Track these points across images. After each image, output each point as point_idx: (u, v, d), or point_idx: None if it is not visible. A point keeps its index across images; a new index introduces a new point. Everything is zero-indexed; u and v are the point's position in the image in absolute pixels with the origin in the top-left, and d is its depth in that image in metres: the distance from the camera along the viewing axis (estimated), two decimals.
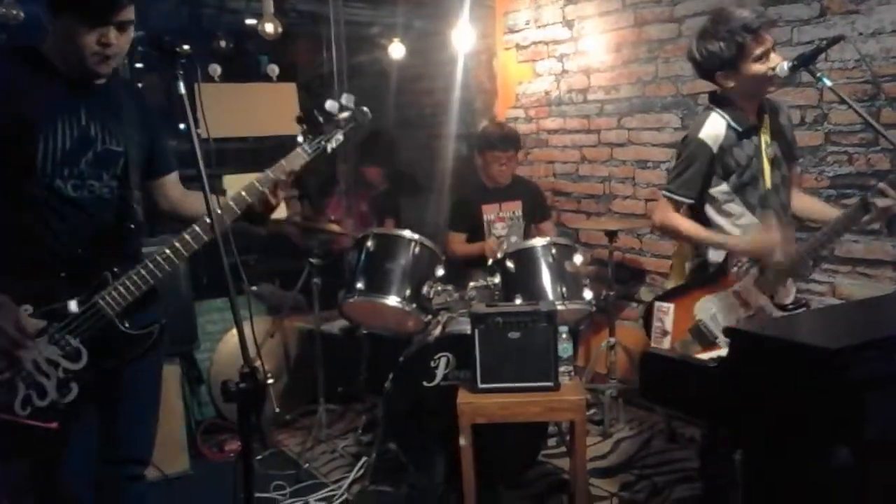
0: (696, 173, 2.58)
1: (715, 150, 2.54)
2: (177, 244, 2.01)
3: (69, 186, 1.99)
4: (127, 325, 2.01)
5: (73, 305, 1.93)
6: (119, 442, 2.18)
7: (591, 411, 3.82)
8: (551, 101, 4.75)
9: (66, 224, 1.99)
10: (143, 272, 1.99)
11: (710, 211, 2.62)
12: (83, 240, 2.00)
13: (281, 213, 4.48)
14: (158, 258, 2.00)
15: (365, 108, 2.28)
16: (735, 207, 2.57)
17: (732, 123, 2.53)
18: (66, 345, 1.93)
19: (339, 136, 2.21)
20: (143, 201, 2.16)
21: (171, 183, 2.26)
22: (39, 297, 1.93)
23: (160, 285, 2.05)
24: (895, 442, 1.56)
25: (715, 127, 2.56)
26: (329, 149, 2.19)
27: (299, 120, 2.20)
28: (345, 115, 2.24)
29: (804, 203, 2.72)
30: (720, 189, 2.56)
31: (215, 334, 3.99)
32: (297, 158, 2.14)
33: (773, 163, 2.57)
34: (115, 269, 1.98)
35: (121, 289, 1.97)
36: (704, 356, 1.85)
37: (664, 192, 2.66)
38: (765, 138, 2.55)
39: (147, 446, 2.27)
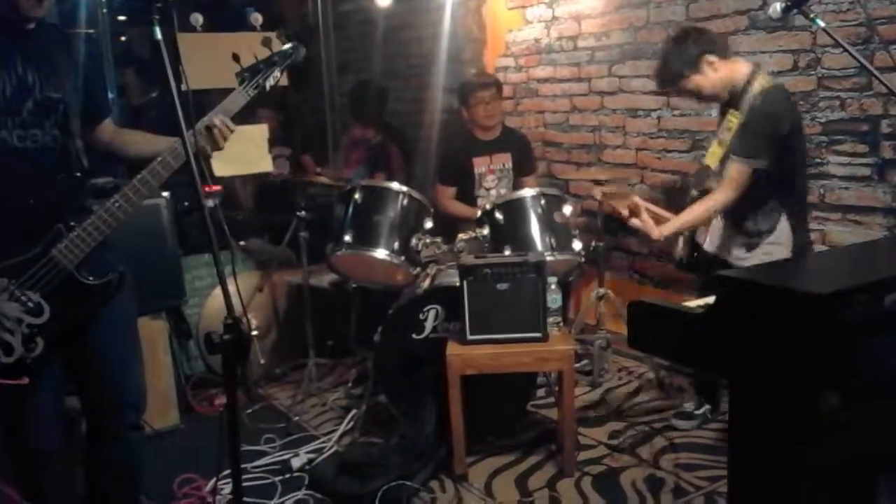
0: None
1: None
2: (128, 192, 1.99)
3: (14, 137, 1.95)
4: (85, 275, 1.99)
5: None
6: (108, 392, 2.18)
7: (582, 362, 3.84)
8: (541, 49, 4.66)
9: (14, 177, 1.94)
10: (97, 222, 1.97)
11: None
12: (33, 192, 1.96)
13: (268, 167, 4.45)
14: (111, 207, 1.97)
15: (299, 45, 2.29)
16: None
17: None
18: (27, 301, 1.92)
19: (277, 73, 2.23)
20: (85, 150, 2.12)
21: (105, 127, 2.23)
22: None
23: (121, 234, 2.04)
24: (883, 386, 1.56)
25: None
26: (268, 86, 2.21)
27: (236, 58, 2.18)
28: (280, 52, 2.23)
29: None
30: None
31: (203, 289, 3.97)
32: (237, 100, 2.16)
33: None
34: (71, 222, 1.96)
35: (76, 240, 1.95)
36: (692, 304, 1.83)
37: None
38: (729, 122, 2.78)
39: (136, 391, 2.27)
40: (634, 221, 2.83)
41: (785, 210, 2.78)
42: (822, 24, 2.16)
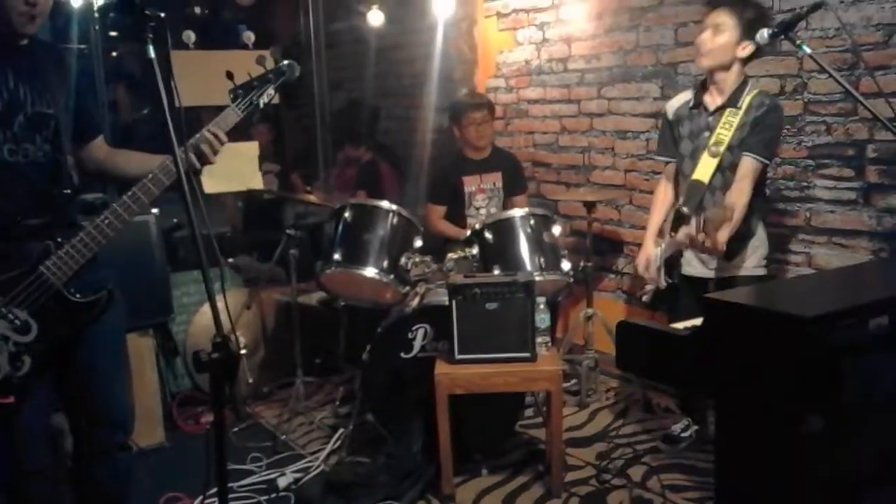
0: (662, 136, 3.06)
1: (670, 117, 2.97)
2: (118, 209, 1.98)
3: (5, 151, 1.94)
4: (73, 292, 1.98)
5: None
6: (95, 410, 2.16)
7: (570, 382, 3.84)
8: (532, 71, 4.70)
9: (3, 191, 1.93)
10: (86, 239, 1.95)
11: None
12: (22, 208, 1.94)
13: (258, 184, 4.46)
14: (101, 224, 1.96)
15: (294, 62, 2.28)
16: (686, 171, 2.89)
17: (691, 98, 2.90)
18: (14, 318, 1.90)
19: (270, 91, 2.22)
20: (76, 166, 2.11)
21: (97, 145, 2.22)
22: None
23: (109, 250, 2.02)
24: (869, 407, 1.57)
25: (680, 98, 2.98)
26: (261, 104, 2.20)
27: (229, 76, 2.18)
28: (274, 69, 2.24)
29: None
30: (680, 153, 2.93)
31: (191, 306, 3.94)
32: (230, 117, 2.16)
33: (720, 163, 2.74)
34: (58, 238, 1.95)
35: (65, 257, 1.93)
36: (679, 325, 1.84)
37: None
38: (724, 126, 2.72)
39: (123, 410, 2.25)
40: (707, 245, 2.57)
41: (759, 213, 2.82)
42: (808, 50, 2.19)
